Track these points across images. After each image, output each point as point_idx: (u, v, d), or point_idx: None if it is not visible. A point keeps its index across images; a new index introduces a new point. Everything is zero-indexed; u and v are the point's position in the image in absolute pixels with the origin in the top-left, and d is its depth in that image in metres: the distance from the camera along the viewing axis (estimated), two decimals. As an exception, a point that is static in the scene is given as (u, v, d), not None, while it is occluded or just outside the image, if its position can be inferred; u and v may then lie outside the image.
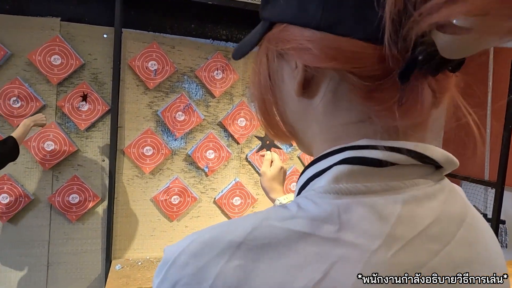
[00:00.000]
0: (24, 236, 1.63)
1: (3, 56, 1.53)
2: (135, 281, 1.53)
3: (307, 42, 0.28)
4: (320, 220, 0.26)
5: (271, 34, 0.32)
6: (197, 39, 1.79)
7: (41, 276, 1.66)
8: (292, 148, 1.99)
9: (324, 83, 0.30)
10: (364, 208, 0.26)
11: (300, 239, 0.25)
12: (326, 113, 0.30)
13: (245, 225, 0.26)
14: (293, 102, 0.33)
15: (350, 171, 0.27)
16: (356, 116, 0.29)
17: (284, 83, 0.33)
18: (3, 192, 1.58)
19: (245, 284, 0.24)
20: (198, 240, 0.26)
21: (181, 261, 0.26)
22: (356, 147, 0.28)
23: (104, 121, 1.69)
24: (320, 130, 0.31)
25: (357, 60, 0.26)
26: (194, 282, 0.25)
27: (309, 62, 0.29)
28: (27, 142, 1.59)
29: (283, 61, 0.32)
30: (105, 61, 1.66)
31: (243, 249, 0.25)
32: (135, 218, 1.76)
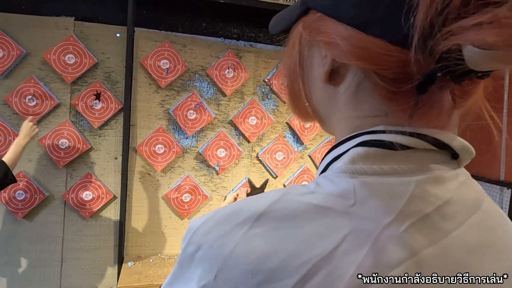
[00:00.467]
0: (39, 232, 1.67)
1: (19, 55, 1.56)
2: (147, 278, 1.55)
3: (338, 37, 0.29)
4: (336, 195, 0.27)
5: (307, 20, 0.33)
6: (209, 38, 1.79)
7: (55, 272, 1.69)
8: (303, 147, 1.98)
9: (348, 77, 0.31)
10: (378, 186, 0.28)
11: (317, 211, 0.27)
12: (348, 104, 0.32)
13: (266, 199, 0.28)
14: (319, 88, 0.34)
15: (366, 153, 0.29)
16: (376, 110, 0.30)
17: (313, 69, 0.34)
18: (19, 188, 1.61)
19: (264, 249, 0.26)
20: (222, 211, 0.29)
21: (206, 227, 0.28)
22: (374, 132, 0.29)
23: (116, 120, 1.71)
24: (341, 119, 0.33)
25: (382, 62, 0.27)
26: (217, 246, 0.27)
27: (337, 57, 0.30)
28: (42, 140, 1.61)
29: (314, 48, 0.33)
30: (118, 60, 1.68)
31: (264, 219, 0.27)
32: (146, 216, 1.78)
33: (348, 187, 0.28)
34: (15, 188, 1.60)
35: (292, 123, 1.92)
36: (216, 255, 0.26)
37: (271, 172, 1.93)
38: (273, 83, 1.88)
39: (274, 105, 1.91)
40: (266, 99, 1.90)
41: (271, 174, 1.94)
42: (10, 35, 1.55)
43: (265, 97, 1.90)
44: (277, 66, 1.88)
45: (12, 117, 1.60)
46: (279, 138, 1.92)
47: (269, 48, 1.87)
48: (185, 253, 0.29)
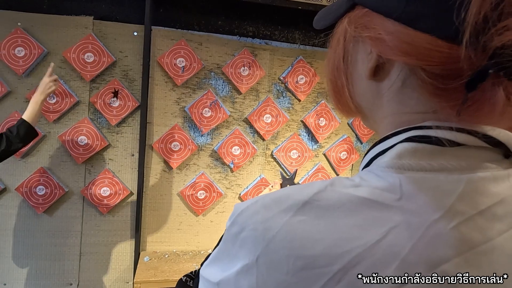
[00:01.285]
0: (59, 226, 1.71)
1: (40, 54, 1.60)
2: (162, 273, 1.57)
3: (384, 32, 0.29)
4: (381, 189, 0.27)
5: (353, 16, 0.33)
6: (224, 36, 1.80)
7: (74, 265, 1.73)
8: (318, 145, 1.97)
9: (394, 73, 0.31)
10: (426, 182, 0.27)
11: (362, 203, 0.27)
12: (393, 100, 0.32)
13: (311, 188, 0.29)
14: (362, 84, 0.34)
15: (414, 149, 0.28)
16: (422, 107, 0.30)
17: (357, 64, 0.34)
18: (40, 184, 1.65)
19: (306, 236, 0.26)
20: (268, 196, 0.29)
21: (252, 210, 0.29)
22: (422, 127, 0.29)
23: (133, 117, 1.74)
24: (386, 115, 0.33)
25: (430, 58, 0.26)
26: (261, 229, 0.27)
27: (383, 52, 0.30)
28: (62, 137, 1.65)
29: (359, 44, 0.33)
30: (135, 59, 1.71)
31: (308, 207, 0.27)
32: (162, 212, 1.81)
33: (394, 181, 0.28)
34: (36, 183, 1.65)
35: (307, 121, 1.91)
36: (259, 238, 0.27)
37: (285, 170, 1.93)
38: (288, 81, 1.87)
39: (289, 103, 1.91)
40: (281, 97, 1.90)
41: (285, 172, 1.94)
42: (32, 34, 1.59)
43: (280, 95, 1.90)
44: (292, 64, 1.88)
45: (33, 114, 1.64)
46: (294, 136, 1.92)
47: (285, 46, 1.87)
48: (229, 232, 0.30)
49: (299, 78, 1.88)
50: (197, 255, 1.79)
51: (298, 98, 1.90)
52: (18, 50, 1.57)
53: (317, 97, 1.94)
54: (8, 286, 1.68)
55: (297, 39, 1.91)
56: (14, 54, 1.57)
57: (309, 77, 1.89)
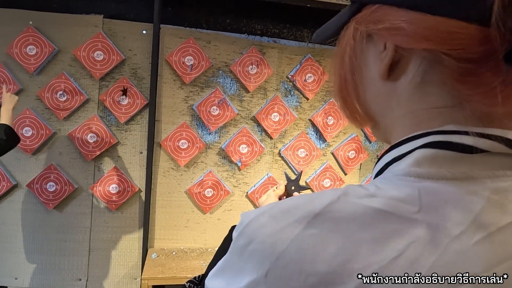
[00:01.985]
0: (68, 222, 1.74)
1: (51, 52, 1.62)
2: (170, 270, 1.58)
3: (401, 22, 0.27)
4: (399, 200, 0.25)
5: (361, 16, 0.31)
6: (233, 34, 1.80)
7: (83, 261, 1.76)
8: (326, 144, 1.96)
9: (412, 66, 0.29)
10: (447, 193, 0.25)
11: (378, 216, 0.25)
12: (411, 97, 0.30)
13: (323, 198, 0.27)
14: (375, 86, 0.32)
15: (434, 156, 0.27)
16: (444, 100, 0.28)
17: (368, 66, 0.32)
18: (50, 180, 1.68)
19: (319, 251, 0.24)
20: (277, 207, 0.28)
21: (260, 221, 0.27)
22: (443, 132, 0.27)
23: (142, 115, 1.75)
24: (402, 115, 0.31)
25: (456, 41, 0.25)
26: (270, 242, 0.26)
27: (401, 42, 0.28)
28: (72, 134, 1.67)
29: (370, 44, 0.31)
30: (144, 57, 1.72)
31: (320, 219, 0.25)
32: (170, 209, 1.82)
33: (413, 191, 0.26)
34: (46, 180, 1.67)
35: (315, 120, 1.90)
36: (268, 251, 0.26)
37: (293, 169, 1.92)
38: (296, 80, 1.86)
39: (297, 102, 1.90)
40: (289, 95, 1.89)
41: (293, 171, 1.93)
42: (43, 32, 1.61)
43: (288, 94, 1.89)
44: (300, 62, 1.87)
45: (44, 111, 1.67)
46: (302, 135, 1.91)
47: (293, 44, 1.86)
48: (236, 244, 0.29)
49: (307, 77, 1.87)
50: (204, 252, 1.80)
51: (306, 97, 1.89)
52: (29, 48, 1.60)
53: (325, 95, 1.93)
54: (19, 280, 1.71)
55: (306, 37, 1.90)
56: (25, 53, 1.60)
57: (318, 75, 1.88)
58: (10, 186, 1.65)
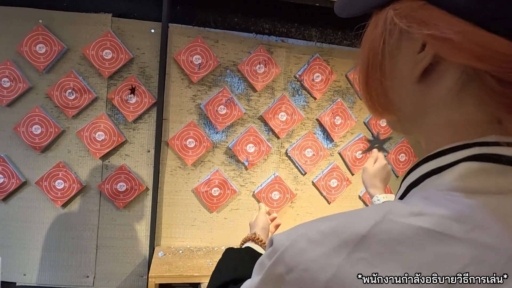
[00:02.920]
0: (76, 220, 1.75)
1: (60, 51, 1.63)
2: (176, 268, 1.59)
3: (451, 32, 0.25)
4: (450, 218, 0.24)
5: (402, 7, 0.28)
6: (240, 33, 1.79)
7: (90, 258, 1.77)
8: (333, 144, 1.95)
9: (451, 76, 0.27)
10: (501, 208, 0.24)
11: (429, 237, 0.23)
12: (448, 106, 0.28)
13: (367, 218, 0.25)
14: (404, 85, 0.30)
15: (480, 169, 0.25)
16: (484, 116, 0.26)
17: (398, 62, 0.30)
18: (59, 178, 1.69)
19: (370, 277, 0.23)
20: (316, 229, 0.25)
21: (300, 246, 0.25)
22: (486, 143, 0.26)
23: (150, 114, 1.76)
24: (438, 122, 0.29)
25: (505, 64, 0.23)
26: (314, 268, 0.24)
27: (447, 54, 0.26)
28: (80, 132, 1.68)
29: (406, 40, 0.29)
30: (152, 56, 1.72)
31: (368, 242, 0.24)
32: (177, 208, 1.82)
33: (463, 208, 0.24)
34: (55, 177, 1.69)
35: (322, 119, 1.90)
36: (314, 279, 0.24)
37: (300, 168, 1.92)
38: (304, 79, 1.86)
39: (304, 101, 1.90)
40: (297, 95, 1.89)
41: (299, 170, 1.93)
42: (52, 31, 1.62)
43: (295, 93, 1.88)
44: (308, 61, 1.86)
45: (53, 110, 1.68)
46: (309, 135, 1.90)
47: (301, 44, 1.85)
48: (272, 273, 0.26)
49: (315, 76, 1.86)
50: (211, 251, 1.80)
51: (314, 96, 1.89)
52: (39, 47, 1.61)
53: (333, 95, 1.92)
54: (27, 276, 1.73)
55: (314, 36, 1.89)
56: (35, 51, 1.61)
57: (325, 75, 1.87)
58: (20, 183, 1.67)
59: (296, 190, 1.93)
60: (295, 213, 1.96)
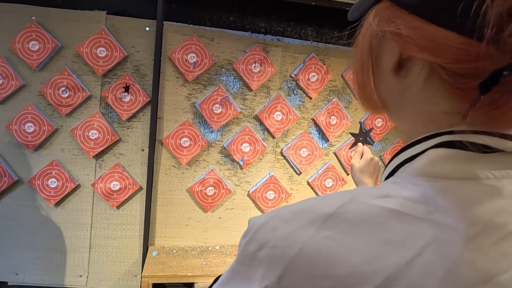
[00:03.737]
0: (69, 219, 1.73)
1: (54, 48, 1.61)
2: (170, 268, 1.58)
3: (405, 28, 0.27)
4: (413, 200, 0.25)
5: (378, 8, 0.31)
6: (236, 32, 1.79)
7: (83, 257, 1.76)
8: (328, 144, 1.95)
9: (415, 70, 0.29)
10: (462, 193, 0.25)
11: (393, 216, 0.24)
12: (419, 98, 0.30)
13: (335, 199, 0.26)
14: (388, 80, 0.32)
15: (447, 155, 0.26)
16: (448, 107, 0.28)
17: (381, 59, 0.32)
18: (52, 176, 1.68)
19: (334, 254, 0.24)
20: (287, 209, 0.27)
21: (271, 225, 0.26)
22: (454, 132, 0.27)
23: (144, 112, 1.74)
24: (412, 113, 0.31)
25: (451, 55, 0.25)
26: (282, 245, 0.25)
27: (403, 48, 0.28)
28: (74, 131, 1.67)
29: (383, 39, 0.31)
30: (147, 54, 1.71)
31: (334, 221, 0.25)
32: (171, 207, 1.81)
33: (427, 192, 0.25)
34: (48, 176, 1.67)
35: (318, 119, 1.89)
36: (280, 255, 0.25)
37: (295, 168, 1.91)
38: (299, 79, 1.85)
39: (300, 101, 1.89)
40: (292, 94, 1.88)
41: (295, 170, 1.92)
42: (46, 28, 1.61)
43: (291, 93, 1.88)
44: (304, 61, 1.85)
45: (46, 108, 1.66)
46: (304, 134, 1.90)
47: (297, 43, 1.85)
48: (245, 251, 0.27)
49: (311, 76, 1.86)
50: (205, 251, 1.79)
51: (310, 96, 1.88)
52: (32, 44, 1.59)
53: (328, 95, 1.92)
54: (20, 276, 1.71)
55: (310, 35, 1.89)
56: (28, 48, 1.59)
57: (321, 74, 1.86)
58: (12, 181, 1.65)
59: (291, 190, 1.93)
60: (290, 213, 1.95)
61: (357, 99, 0.38)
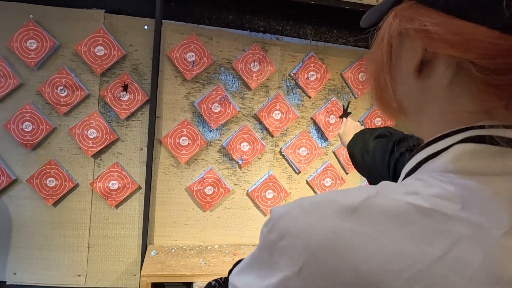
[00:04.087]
0: (68, 218, 1.73)
1: (52, 47, 1.60)
2: (169, 267, 1.58)
3: (430, 24, 0.26)
4: (441, 197, 0.24)
5: (398, 9, 0.31)
6: (235, 31, 1.78)
7: (82, 257, 1.75)
8: (327, 143, 1.95)
9: (440, 69, 0.28)
10: (490, 189, 0.24)
11: (420, 213, 0.24)
12: (441, 99, 0.29)
13: (360, 192, 0.25)
14: (407, 81, 0.31)
15: (473, 150, 0.26)
16: (473, 106, 0.27)
17: (401, 61, 0.32)
18: (50, 176, 1.67)
19: (360, 248, 0.23)
20: (310, 200, 0.26)
21: (292, 215, 0.26)
22: (481, 126, 0.26)
23: (143, 111, 1.74)
24: (435, 113, 0.30)
25: (483, 50, 0.24)
26: (304, 236, 0.25)
27: (429, 45, 0.27)
28: (72, 130, 1.66)
29: (405, 39, 0.31)
30: (146, 52, 1.70)
31: (358, 214, 0.24)
32: (170, 207, 1.81)
33: (454, 189, 0.25)
34: (46, 175, 1.66)
35: (317, 118, 1.89)
36: (302, 246, 0.24)
37: (294, 167, 1.91)
38: (298, 78, 1.85)
39: (299, 100, 1.89)
40: (291, 93, 1.88)
41: (294, 169, 1.92)
42: (44, 27, 1.60)
43: (290, 92, 1.87)
44: (303, 60, 1.85)
45: (44, 107, 1.66)
46: (303, 134, 1.90)
47: (296, 42, 1.84)
48: (267, 240, 0.27)
49: (310, 75, 1.85)
50: (204, 250, 1.79)
51: (309, 95, 1.88)
52: (30, 42, 1.58)
53: (327, 94, 1.91)
54: (18, 275, 1.71)
55: (309, 34, 1.88)
56: (26, 47, 1.58)
57: (320, 73, 1.86)
58: (10, 181, 1.64)
59: (290, 189, 1.92)
60: (289, 212, 1.95)
61: (375, 103, 0.37)
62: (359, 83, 1.91)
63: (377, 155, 0.70)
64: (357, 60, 1.90)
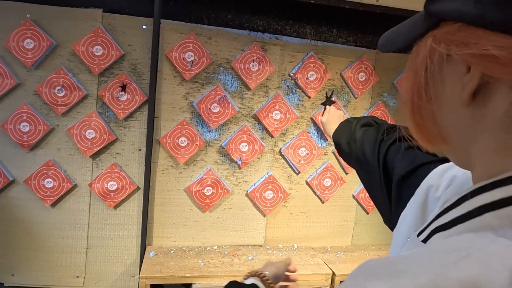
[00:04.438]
0: (66, 219, 1.72)
1: (49, 47, 1.59)
2: (168, 268, 1.57)
3: (493, 48, 0.24)
4: None
5: (440, 33, 0.28)
6: (234, 30, 1.77)
7: (80, 258, 1.74)
8: (327, 144, 1.94)
9: (502, 96, 0.26)
10: None
11: None
12: (502, 128, 0.26)
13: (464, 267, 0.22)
14: (454, 109, 0.29)
15: None
16: None
17: (445, 87, 0.29)
18: (48, 176, 1.66)
19: None
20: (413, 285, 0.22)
21: None
22: None
23: (141, 111, 1.72)
24: (489, 146, 0.27)
25: None
26: None
27: (493, 71, 0.25)
28: (70, 130, 1.65)
29: (449, 64, 0.28)
30: (144, 52, 1.69)
31: None
32: (169, 207, 1.80)
33: None
34: (44, 176, 1.65)
35: (317, 118, 1.88)
36: None
37: (293, 168, 1.90)
38: (298, 77, 1.84)
39: (298, 100, 1.88)
40: (291, 93, 1.86)
41: (293, 170, 1.91)
42: (41, 26, 1.58)
43: (289, 92, 1.86)
44: (302, 60, 1.84)
45: (42, 107, 1.64)
46: (303, 134, 1.89)
47: (295, 41, 1.83)
48: None
49: (310, 75, 1.84)
50: (203, 251, 1.78)
51: (308, 95, 1.87)
52: (27, 42, 1.57)
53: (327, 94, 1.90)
54: (16, 277, 1.70)
55: (309, 34, 1.87)
56: (23, 46, 1.57)
57: (320, 73, 1.85)
58: (7, 182, 1.63)
59: (289, 189, 1.92)
60: (288, 213, 1.95)
61: (413, 134, 0.34)
62: (359, 83, 1.91)
63: (366, 144, 0.67)
64: (357, 60, 1.89)
